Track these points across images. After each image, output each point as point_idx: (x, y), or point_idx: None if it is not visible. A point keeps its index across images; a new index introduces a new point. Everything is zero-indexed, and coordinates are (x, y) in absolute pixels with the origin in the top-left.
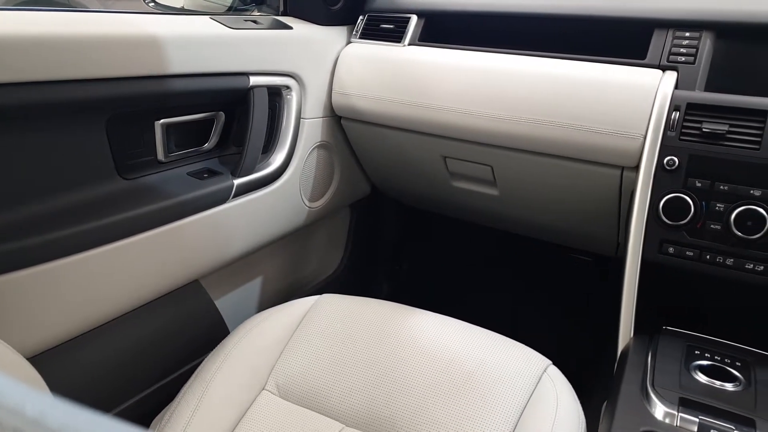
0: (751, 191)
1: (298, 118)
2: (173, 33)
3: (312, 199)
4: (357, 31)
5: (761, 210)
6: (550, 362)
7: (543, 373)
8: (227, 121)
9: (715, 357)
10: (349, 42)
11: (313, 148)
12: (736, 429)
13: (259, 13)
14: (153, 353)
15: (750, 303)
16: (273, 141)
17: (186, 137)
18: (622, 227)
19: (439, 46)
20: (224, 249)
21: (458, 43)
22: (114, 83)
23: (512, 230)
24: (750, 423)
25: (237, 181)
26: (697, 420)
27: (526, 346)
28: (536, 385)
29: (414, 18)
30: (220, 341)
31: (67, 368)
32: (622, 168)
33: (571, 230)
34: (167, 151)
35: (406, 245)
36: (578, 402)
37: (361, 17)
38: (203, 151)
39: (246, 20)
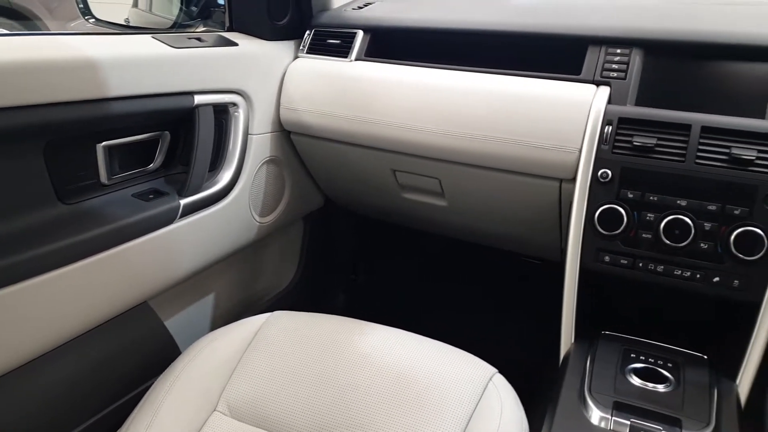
0: (678, 201)
1: (246, 134)
2: (113, 55)
3: (262, 215)
4: (304, 46)
5: (687, 219)
6: (496, 371)
7: (489, 381)
8: (172, 140)
9: (649, 359)
10: (296, 57)
11: (262, 164)
12: (664, 429)
13: (203, 29)
14: (102, 378)
15: (679, 306)
16: (220, 158)
17: (130, 158)
18: (564, 235)
19: (385, 62)
20: (173, 270)
21: (405, 59)
22: (52, 109)
23: (462, 238)
24: (677, 423)
25: (184, 201)
26: (628, 423)
27: (473, 356)
28: (482, 394)
29: (360, 33)
30: (172, 363)
31: (12, 397)
32: (561, 180)
33: (518, 238)
34: (110, 173)
35: (361, 255)
36: (522, 409)
37: (307, 32)
38: (148, 172)
39: (189, 38)
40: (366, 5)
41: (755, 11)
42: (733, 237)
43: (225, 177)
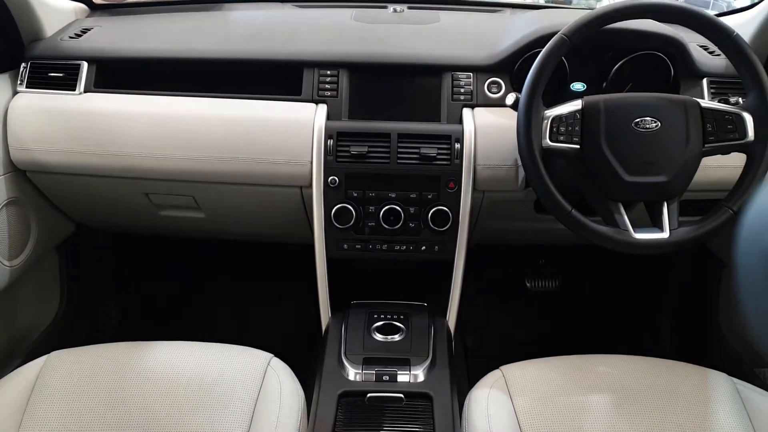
0: (389, 194)
1: None
2: None
3: (11, 257)
4: (22, 81)
5: (397, 207)
6: (272, 356)
7: (267, 366)
8: None
9: (387, 316)
10: (15, 92)
11: (1, 208)
12: (398, 369)
13: None
14: None
15: (403, 269)
16: None
17: None
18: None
19: (117, 92)
20: None
21: (139, 87)
22: None
23: (226, 239)
24: (407, 362)
25: None
26: (373, 372)
27: (249, 348)
28: (263, 379)
29: (85, 65)
30: None
31: None
32: (301, 187)
33: (278, 234)
34: None
35: (128, 268)
36: (297, 383)
37: (23, 65)
38: None
39: None
40: (84, 32)
41: (426, 32)
42: (429, 215)
43: None
